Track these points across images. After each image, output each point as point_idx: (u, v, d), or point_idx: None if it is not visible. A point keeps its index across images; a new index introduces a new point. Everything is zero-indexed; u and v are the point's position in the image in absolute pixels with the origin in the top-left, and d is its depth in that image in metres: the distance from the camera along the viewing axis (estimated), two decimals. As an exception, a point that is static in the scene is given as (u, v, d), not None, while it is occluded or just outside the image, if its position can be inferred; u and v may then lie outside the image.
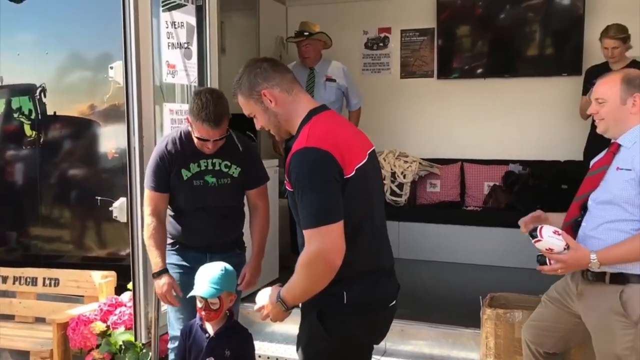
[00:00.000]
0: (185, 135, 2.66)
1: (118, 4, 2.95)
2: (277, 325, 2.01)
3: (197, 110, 2.50)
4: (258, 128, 2.01)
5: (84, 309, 3.66)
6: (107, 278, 3.89)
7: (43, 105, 4.61)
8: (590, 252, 2.14)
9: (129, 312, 3.40)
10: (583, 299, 2.30)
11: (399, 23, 5.70)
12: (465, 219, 5.10)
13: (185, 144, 2.64)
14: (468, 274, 4.75)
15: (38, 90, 4.61)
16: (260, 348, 3.42)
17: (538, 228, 2.15)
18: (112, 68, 3.42)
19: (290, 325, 2.36)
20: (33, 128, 4.65)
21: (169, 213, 2.74)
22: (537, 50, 5.35)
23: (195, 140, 2.59)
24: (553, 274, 2.25)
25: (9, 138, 4.79)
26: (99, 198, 4.20)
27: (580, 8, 5.03)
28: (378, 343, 2.06)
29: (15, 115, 4.71)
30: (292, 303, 1.84)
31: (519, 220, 2.44)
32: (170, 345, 2.80)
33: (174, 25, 3.33)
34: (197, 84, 3.49)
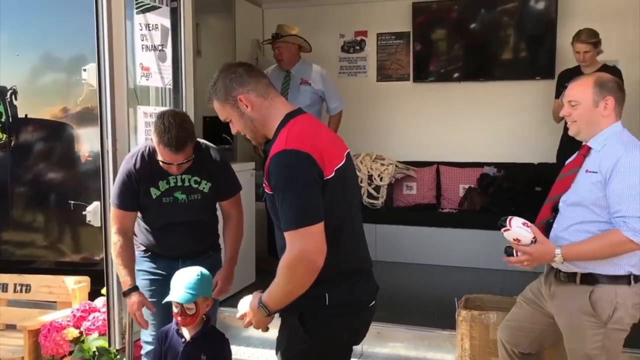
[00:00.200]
0: (154, 151, 2.57)
1: (92, 5, 2.90)
2: (253, 330, 1.99)
3: (159, 134, 2.41)
4: (234, 133, 2.00)
5: (57, 315, 3.60)
6: (80, 283, 3.82)
7: (14, 108, 4.53)
8: (556, 246, 2.19)
9: (103, 317, 3.35)
10: (555, 300, 2.34)
11: (375, 26, 5.73)
12: (441, 221, 5.13)
13: (154, 161, 2.55)
14: (444, 276, 4.79)
15: (9, 93, 4.52)
16: (237, 353, 3.40)
17: (508, 218, 2.19)
18: (85, 70, 3.39)
19: (267, 329, 2.35)
20: (4, 131, 4.56)
21: (141, 223, 2.69)
22: (511, 54, 5.42)
23: (160, 162, 2.52)
24: (522, 269, 2.29)
25: (-21, 141, 4.71)
26: (72, 202, 4.15)
27: (553, 13, 5.11)
28: (357, 344, 2.06)
29: (-15, 118, 4.63)
30: (274, 308, 1.83)
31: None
32: (142, 351, 2.76)
33: (148, 28, 3.31)
34: (171, 87, 3.47)
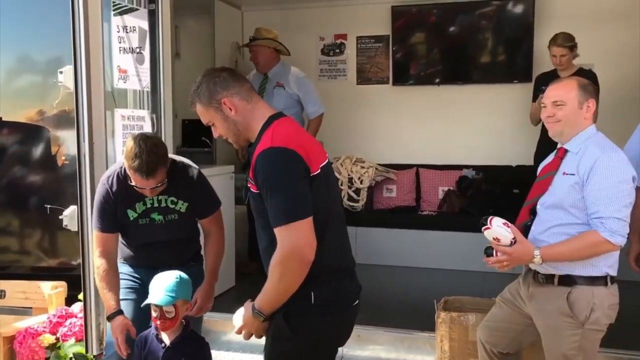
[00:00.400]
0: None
1: (69, 7, 2.86)
2: (233, 334, 1.98)
3: (129, 159, 2.35)
4: (216, 136, 2.01)
5: (32, 321, 3.53)
6: (57, 289, 3.76)
7: (-12, 111, 4.45)
8: (535, 247, 2.21)
9: (80, 323, 3.31)
10: (533, 301, 2.36)
11: (355, 30, 5.74)
12: (421, 224, 5.17)
13: (129, 183, 2.49)
14: (423, 278, 4.81)
15: (-17, 95, 4.45)
16: (217, 357, 3.38)
17: (489, 217, 2.20)
18: (61, 73, 3.33)
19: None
20: (-22, 134, 4.49)
21: (120, 238, 2.65)
22: (489, 58, 5.47)
23: (133, 186, 2.46)
24: (501, 271, 2.30)
25: (-48, 144, 4.61)
26: (49, 206, 4.08)
27: (531, 16, 5.18)
28: (342, 344, 2.07)
29: (-41, 121, 4.53)
30: (268, 310, 1.84)
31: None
32: (107, 352, 2.72)
33: (126, 30, 3.28)
34: (149, 89, 3.45)
